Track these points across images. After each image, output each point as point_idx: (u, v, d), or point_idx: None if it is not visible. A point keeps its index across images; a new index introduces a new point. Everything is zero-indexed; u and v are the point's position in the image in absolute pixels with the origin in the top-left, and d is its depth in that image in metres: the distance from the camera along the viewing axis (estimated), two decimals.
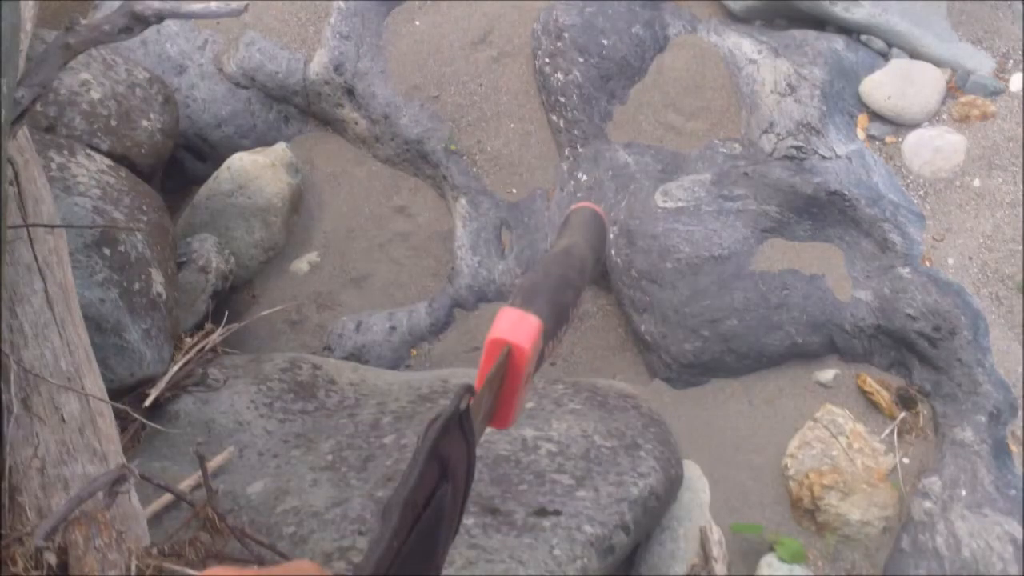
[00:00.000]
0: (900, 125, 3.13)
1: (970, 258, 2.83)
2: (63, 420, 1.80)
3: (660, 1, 3.46)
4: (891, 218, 2.82)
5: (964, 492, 2.39)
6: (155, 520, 2.01)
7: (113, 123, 2.92)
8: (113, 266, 2.43)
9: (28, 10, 2.24)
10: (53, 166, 2.52)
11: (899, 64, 3.19)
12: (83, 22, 1.89)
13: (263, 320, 2.94)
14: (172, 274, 2.72)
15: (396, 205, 3.40)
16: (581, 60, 3.22)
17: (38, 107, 2.67)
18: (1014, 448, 2.51)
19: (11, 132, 1.85)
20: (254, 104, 3.49)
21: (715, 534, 2.34)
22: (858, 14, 3.26)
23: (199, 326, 2.81)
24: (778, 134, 3.02)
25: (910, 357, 2.68)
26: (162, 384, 2.39)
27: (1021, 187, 2.92)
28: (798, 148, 2.96)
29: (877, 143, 3.11)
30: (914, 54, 3.25)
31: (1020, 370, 2.59)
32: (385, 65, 3.44)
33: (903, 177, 3.03)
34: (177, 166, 3.42)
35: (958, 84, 3.18)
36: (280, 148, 3.33)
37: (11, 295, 1.87)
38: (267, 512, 2.05)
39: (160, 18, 1.89)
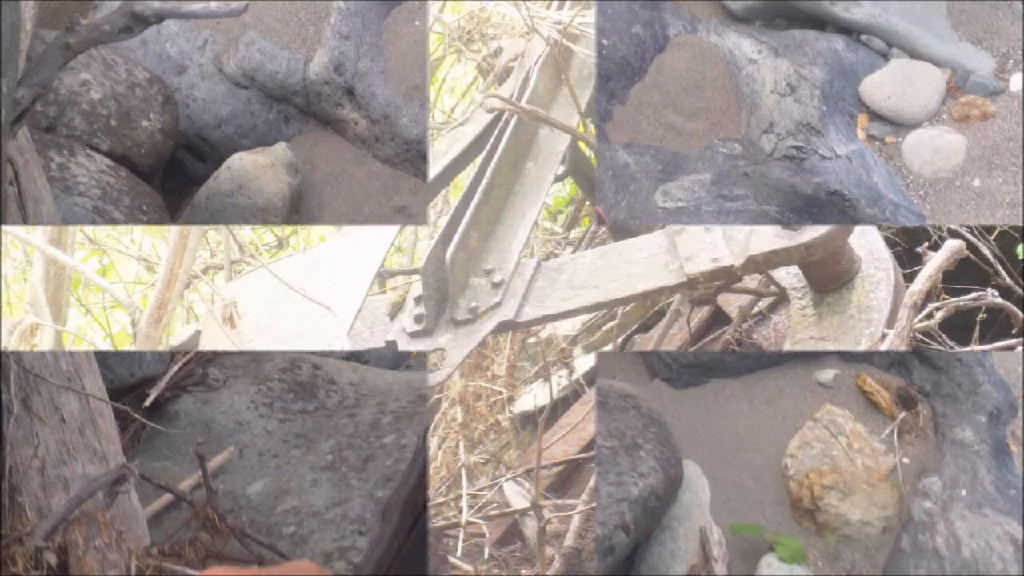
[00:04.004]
0: (900, 125, 3.13)
1: None
2: (63, 420, 1.80)
3: (660, 1, 3.46)
4: (891, 218, 2.81)
5: (964, 492, 2.39)
6: (155, 520, 2.01)
7: (113, 123, 2.92)
8: None
9: (28, 10, 2.23)
10: (53, 166, 2.52)
11: (899, 64, 3.19)
12: (83, 22, 1.89)
13: None
14: None
15: (396, 205, 3.40)
16: None
17: (38, 107, 2.67)
18: (1014, 448, 2.51)
19: (11, 132, 1.85)
20: (254, 104, 3.49)
21: (715, 534, 2.34)
22: (858, 14, 3.25)
23: None
24: (778, 134, 3.02)
25: (910, 357, 2.68)
26: (162, 384, 2.39)
27: (1021, 187, 2.92)
28: (798, 148, 2.96)
29: (877, 143, 3.11)
30: (914, 54, 3.25)
31: (1020, 370, 2.59)
32: (385, 65, 3.44)
33: (903, 177, 3.03)
34: (177, 166, 3.42)
35: (958, 84, 3.18)
36: (280, 148, 3.32)
37: None
38: (267, 512, 2.06)
39: (160, 18, 1.89)
